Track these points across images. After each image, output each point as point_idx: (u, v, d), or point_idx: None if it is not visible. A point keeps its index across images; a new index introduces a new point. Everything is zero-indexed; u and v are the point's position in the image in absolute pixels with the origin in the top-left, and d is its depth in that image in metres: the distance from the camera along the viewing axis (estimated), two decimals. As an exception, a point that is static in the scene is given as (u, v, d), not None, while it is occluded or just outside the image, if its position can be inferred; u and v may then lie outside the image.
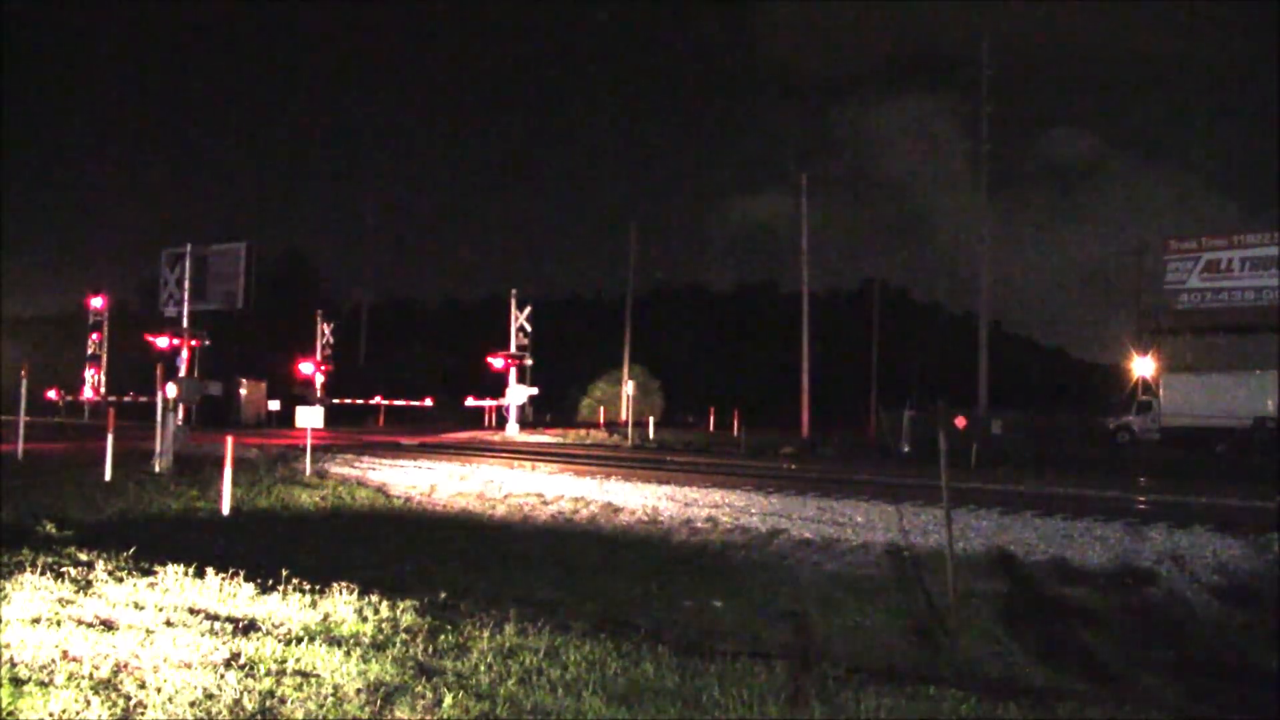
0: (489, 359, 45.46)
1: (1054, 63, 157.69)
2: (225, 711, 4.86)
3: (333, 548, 12.38)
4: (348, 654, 5.92)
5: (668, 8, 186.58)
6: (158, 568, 8.56)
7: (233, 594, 7.67)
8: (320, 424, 22.00)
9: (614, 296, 71.94)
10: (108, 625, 6.47)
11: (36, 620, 6.45)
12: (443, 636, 6.51)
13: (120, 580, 8.07)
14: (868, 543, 13.04)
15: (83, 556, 9.36)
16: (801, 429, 42.62)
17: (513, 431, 42.84)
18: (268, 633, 6.43)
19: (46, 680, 5.15)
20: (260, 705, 4.95)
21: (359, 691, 5.21)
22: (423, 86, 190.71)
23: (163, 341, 23.28)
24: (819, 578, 11.16)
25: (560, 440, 39.57)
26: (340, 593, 7.71)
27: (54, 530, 11.36)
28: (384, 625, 6.81)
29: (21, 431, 23.31)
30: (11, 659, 5.52)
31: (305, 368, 50.84)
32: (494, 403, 47.45)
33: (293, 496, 17.25)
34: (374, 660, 5.83)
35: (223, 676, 5.34)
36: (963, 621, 8.66)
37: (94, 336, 55.83)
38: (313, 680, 5.40)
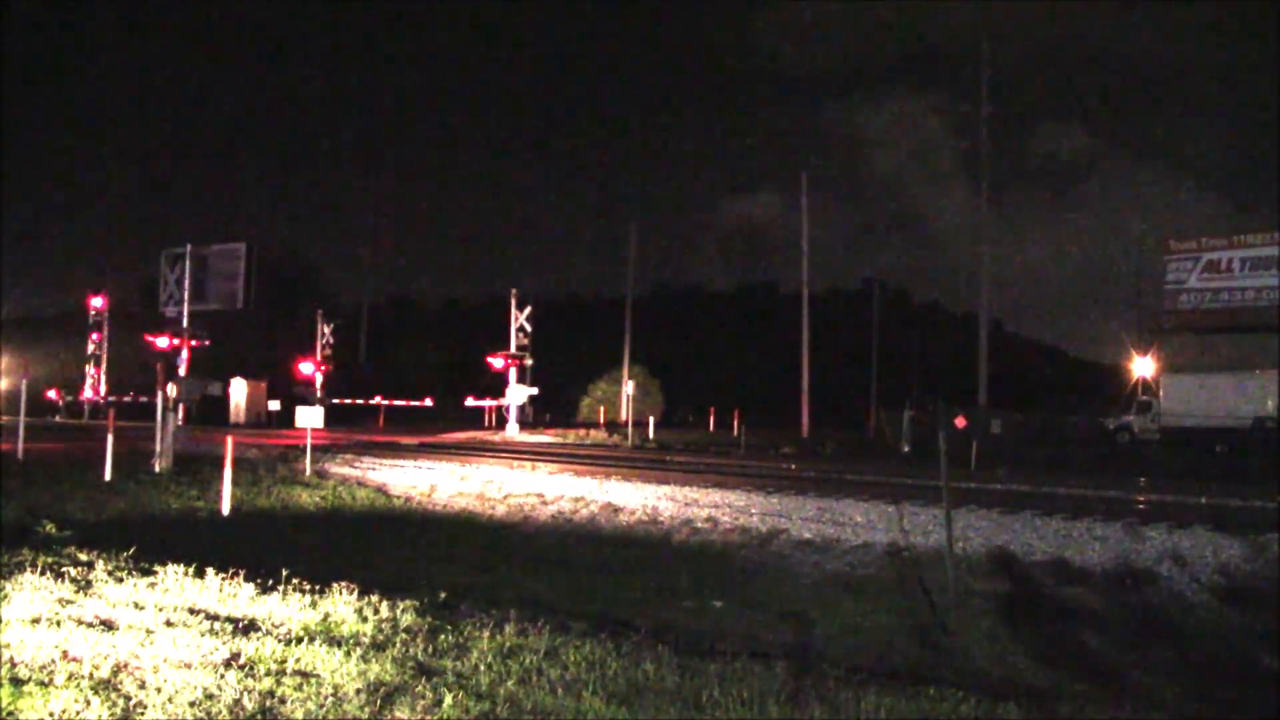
0: (489, 359, 45.47)
1: (1050, 61, 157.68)
2: (225, 711, 4.85)
3: (333, 548, 12.38)
4: (348, 654, 5.92)
5: (667, 7, 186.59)
6: (158, 568, 8.56)
7: (233, 594, 7.66)
8: (320, 424, 22.01)
9: (614, 296, 71.94)
10: (108, 625, 6.47)
11: (36, 620, 6.45)
12: (443, 636, 6.51)
13: (120, 580, 8.07)
14: (868, 543, 13.03)
15: (83, 556, 9.35)
16: (801, 429, 42.65)
17: (513, 431, 42.84)
18: (268, 633, 6.43)
19: (46, 680, 5.14)
20: (260, 705, 4.94)
21: (359, 691, 5.21)
22: (422, 86, 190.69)
23: (163, 341, 23.27)
24: (819, 578, 11.16)
25: (560, 440, 39.56)
26: (340, 593, 7.71)
27: (54, 530, 11.36)
28: (384, 625, 6.81)
29: (22, 431, 23.31)
30: (11, 659, 5.52)
31: (305, 368, 50.84)
32: (494, 403, 47.45)
33: (293, 496, 17.25)
34: (374, 660, 5.83)
35: (223, 676, 5.34)
36: (963, 621, 8.66)
37: (94, 336, 55.84)
38: (313, 680, 5.39)
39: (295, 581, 8.10)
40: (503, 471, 21.33)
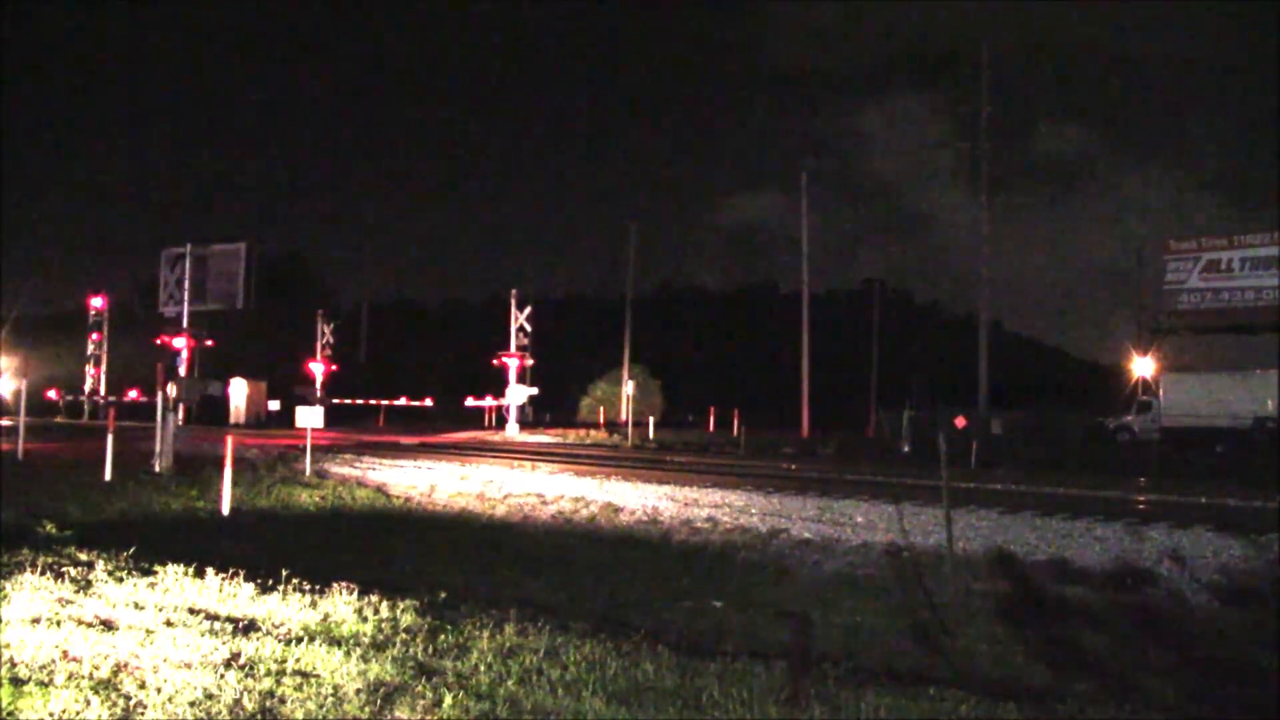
0: (489, 359, 45.49)
1: (1050, 61, 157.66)
2: (225, 711, 4.85)
3: (333, 548, 12.37)
4: (348, 654, 5.92)
5: (667, 8, 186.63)
6: (158, 568, 8.56)
7: (233, 594, 7.66)
8: (320, 424, 22.01)
9: (614, 296, 71.89)
10: (108, 625, 6.47)
11: (36, 620, 6.45)
12: (443, 636, 6.50)
13: (120, 580, 8.07)
14: (868, 543, 13.03)
15: (83, 556, 9.35)
16: (801, 429, 42.64)
17: (513, 431, 42.86)
18: (268, 633, 6.43)
19: (46, 680, 5.14)
20: (260, 705, 4.94)
21: (359, 691, 5.21)
22: (423, 87, 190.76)
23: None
24: (819, 578, 11.15)
25: (560, 440, 39.56)
26: (340, 593, 7.71)
27: (54, 530, 11.36)
28: (384, 625, 6.81)
29: (22, 431, 23.31)
30: (11, 659, 5.52)
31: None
32: (494, 403, 47.47)
33: (293, 496, 17.24)
34: (374, 660, 5.83)
35: (223, 676, 5.34)
36: (963, 621, 8.66)
37: (94, 336, 55.88)
38: (313, 680, 5.39)
39: (295, 581, 8.09)
40: (503, 471, 21.33)
